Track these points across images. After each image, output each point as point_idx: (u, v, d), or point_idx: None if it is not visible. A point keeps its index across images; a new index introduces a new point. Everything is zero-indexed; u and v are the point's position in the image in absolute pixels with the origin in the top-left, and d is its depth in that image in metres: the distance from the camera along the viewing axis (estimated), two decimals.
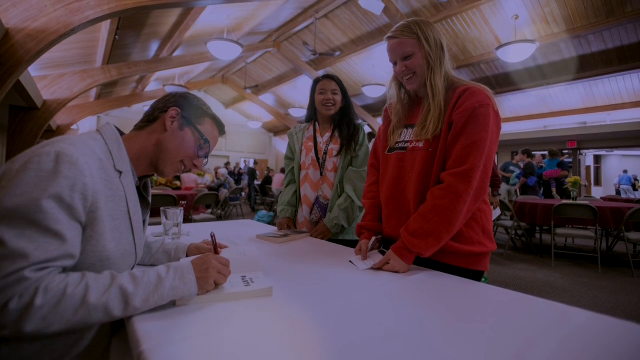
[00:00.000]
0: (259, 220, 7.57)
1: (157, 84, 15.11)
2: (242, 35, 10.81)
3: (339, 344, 0.73)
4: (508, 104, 12.72)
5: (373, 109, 14.96)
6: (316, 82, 2.27)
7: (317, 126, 2.34)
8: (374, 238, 1.56)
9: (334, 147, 2.21)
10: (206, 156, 1.22)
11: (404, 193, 1.48)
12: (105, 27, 7.28)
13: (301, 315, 0.89)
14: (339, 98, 2.23)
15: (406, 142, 1.50)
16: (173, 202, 5.48)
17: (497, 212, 5.61)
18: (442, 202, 1.27)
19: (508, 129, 13.97)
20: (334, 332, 0.79)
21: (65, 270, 0.84)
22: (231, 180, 12.84)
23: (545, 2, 7.52)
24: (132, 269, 1.07)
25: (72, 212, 0.83)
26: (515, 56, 7.55)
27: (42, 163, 0.81)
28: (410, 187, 1.44)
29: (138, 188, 1.13)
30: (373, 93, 11.39)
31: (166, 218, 1.60)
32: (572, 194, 5.95)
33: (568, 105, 11.89)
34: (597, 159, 20.18)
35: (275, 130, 22.49)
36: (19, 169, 0.81)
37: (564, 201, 5.77)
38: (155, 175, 1.20)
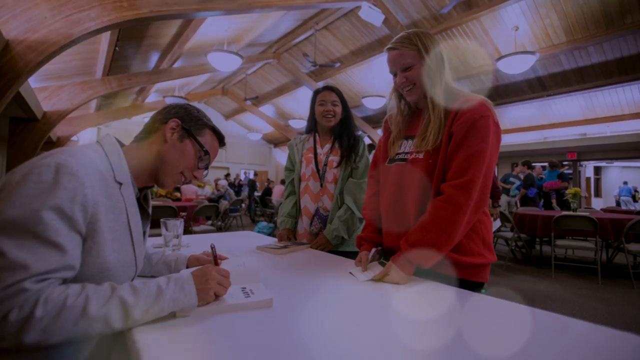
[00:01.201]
0: (258, 232, 7.57)
1: (157, 96, 15.17)
2: (242, 46, 10.88)
3: (339, 355, 0.73)
4: (508, 115, 12.76)
5: (373, 120, 15.00)
6: (316, 93, 2.27)
7: (317, 137, 2.35)
8: (374, 249, 1.56)
9: (334, 158, 2.21)
10: (206, 167, 1.23)
11: (404, 204, 1.48)
12: (105, 38, 7.31)
13: (301, 327, 0.88)
14: (339, 109, 2.23)
15: (406, 153, 1.50)
16: (173, 213, 5.48)
17: (497, 224, 5.59)
18: (442, 214, 1.27)
19: (508, 140, 14.01)
20: (334, 344, 0.78)
21: (65, 281, 0.83)
22: (231, 191, 12.87)
23: (545, 13, 7.57)
24: (132, 280, 1.06)
25: (72, 223, 0.83)
26: (515, 67, 7.58)
27: (42, 174, 0.82)
28: (410, 198, 1.44)
29: (138, 199, 1.13)
30: (373, 104, 11.40)
31: (166, 229, 1.60)
32: (572, 205, 5.95)
33: (568, 117, 11.92)
34: (597, 170, 20.23)
35: (275, 142, 22.53)
36: (19, 181, 0.81)
37: (564, 212, 5.75)
38: (155, 186, 1.20)
